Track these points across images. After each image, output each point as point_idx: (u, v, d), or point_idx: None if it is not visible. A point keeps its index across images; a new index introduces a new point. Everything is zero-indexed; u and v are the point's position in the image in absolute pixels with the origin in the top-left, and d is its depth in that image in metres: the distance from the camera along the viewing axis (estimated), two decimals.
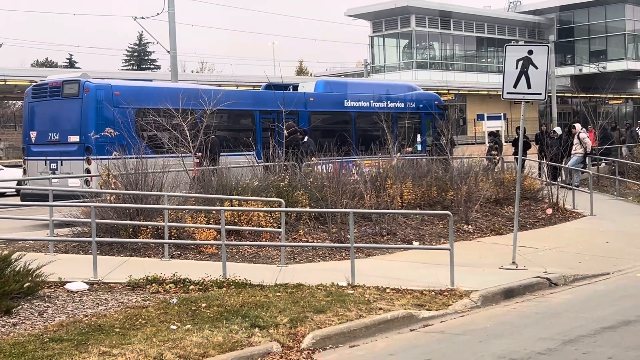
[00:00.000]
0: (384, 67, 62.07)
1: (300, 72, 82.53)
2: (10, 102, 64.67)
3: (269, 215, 13.82)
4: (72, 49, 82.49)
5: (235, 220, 13.56)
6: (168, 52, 27.69)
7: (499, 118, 47.14)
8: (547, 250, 14.06)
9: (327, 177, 15.76)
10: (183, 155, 15.86)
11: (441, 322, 9.03)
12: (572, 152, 23.45)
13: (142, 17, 30.82)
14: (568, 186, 20.36)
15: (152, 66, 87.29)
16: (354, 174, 16.33)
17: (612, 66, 61.83)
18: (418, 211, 15.53)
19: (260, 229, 13.42)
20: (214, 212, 13.41)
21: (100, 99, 17.30)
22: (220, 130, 18.43)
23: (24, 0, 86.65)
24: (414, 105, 25.01)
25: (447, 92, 52.60)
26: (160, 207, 12.91)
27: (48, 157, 17.92)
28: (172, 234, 12.93)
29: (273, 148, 16.76)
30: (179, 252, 12.75)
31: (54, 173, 17.44)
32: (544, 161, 22.86)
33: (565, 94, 64.26)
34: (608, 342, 7.90)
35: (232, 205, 13.77)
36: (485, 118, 47.96)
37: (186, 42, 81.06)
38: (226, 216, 12.27)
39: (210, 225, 13.25)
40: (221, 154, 17.82)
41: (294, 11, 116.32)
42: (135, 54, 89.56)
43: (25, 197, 17.15)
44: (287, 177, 15.43)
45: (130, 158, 14.49)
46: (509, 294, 10.46)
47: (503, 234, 15.51)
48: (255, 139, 19.66)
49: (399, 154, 17.85)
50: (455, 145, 23.52)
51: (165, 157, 15.52)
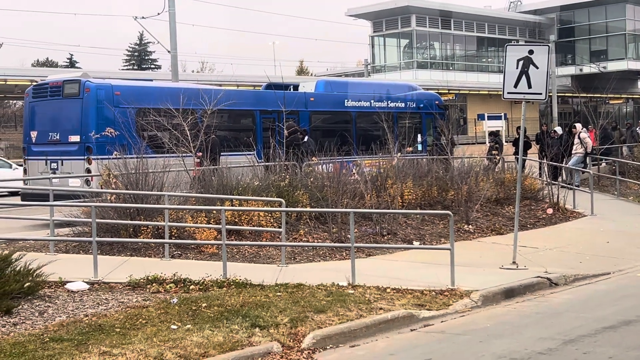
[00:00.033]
0: (385, 67, 62.05)
1: (301, 72, 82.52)
2: (11, 102, 64.67)
3: (270, 215, 13.81)
4: (73, 49, 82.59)
5: (236, 220, 13.57)
6: (169, 52, 27.69)
7: (499, 118, 47.16)
8: (548, 250, 14.05)
9: (327, 176, 15.76)
10: (183, 155, 15.87)
11: (442, 322, 9.03)
12: (573, 152, 23.46)
13: (143, 17, 30.84)
14: (569, 186, 20.35)
15: (152, 66, 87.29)
16: (354, 173, 16.33)
17: (612, 66, 61.83)
18: (418, 211, 15.52)
19: (260, 228, 13.42)
20: (215, 212, 13.42)
21: (100, 99, 17.31)
22: (220, 130, 18.44)
23: (24, 0, 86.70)
24: (414, 105, 25.02)
25: (447, 92, 52.58)
26: (161, 207, 12.91)
27: (48, 157, 17.92)
28: (173, 233, 12.94)
29: (273, 148, 16.76)
30: (180, 252, 12.75)
31: (54, 173, 17.44)
32: (545, 161, 22.87)
33: (566, 94, 64.23)
34: (609, 342, 7.90)
35: (232, 205, 13.78)
36: (486, 118, 47.98)
37: (187, 42, 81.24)
38: (227, 216, 12.27)
39: (210, 225, 13.25)
40: (222, 153, 17.82)
41: (295, 11, 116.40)
42: (136, 53, 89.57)
43: (25, 196, 17.15)
44: (287, 177, 15.42)
45: (131, 158, 14.50)
46: (510, 293, 10.45)
47: (503, 233, 15.50)
48: (255, 139, 19.66)
49: (399, 154, 17.84)
50: (456, 145, 23.50)
51: (166, 156, 15.53)
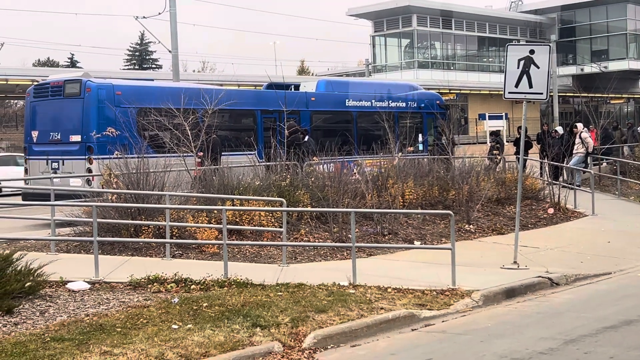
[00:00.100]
0: (386, 67, 62.00)
1: (302, 71, 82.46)
2: (12, 101, 64.69)
3: (271, 215, 13.81)
4: (74, 49, 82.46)
5: (237, 220, 13.57)
6: (169, 51, 27.66)
7: (500, 118, 47.15)
8: (549, 249, 14.05)
9: (328, 176, 15.76)
10: (184, 154, 15.87)
11: (443, 321, 9.03)
12: (574, 152, 23.46)
13: (144, 17, 30.84)
14: (569, 186, 20.34)
15: (153, 66, 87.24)
16: (355, 173, 16.34)
17: (613, 66, 61.76)
18: (419, 211, 15.52)
19: (261, 228, 13.42)
20: (216, 211, 13.42)
21: (101, 99, 17.32)
22: (221, 130, 18.44)
23: (25, 0, 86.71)
24: (415, 105, 25.01)
25: (448, 91, 52.55)
26: (162, 207, 12.91)
27: (50, 157, 17.93)
28: (174, 233, 12.94)
29: (274, 147, 16.77)
30: (181, 252, 12.75)
31: (55, 172, 17.44)
32: (546, 161, 22.87)
33: (567, 94, 64.16)
34: (610, 342, 7.89)
35: (233, 205, 13.79)
36: (487, 118, 47.95)
37: (188, 42, 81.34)
38: (228, 216, 12.27)
39: (211, 225, 13.26)
40: (223, 153, 17.83)
41: (296, 11, 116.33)
42: (137, 53, 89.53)
43: (26, 196, 17.16)
44: (288, 176, 15.42)
45: (132, 157, 14.50)
46: (511, 293, 10.45)
47: (504, 233, 15.50)
48: (256, 139, 19.67)
49: (400, 154, 17.84)
50: (456, 145, 23.51)
51: (167, 156, 15.52)
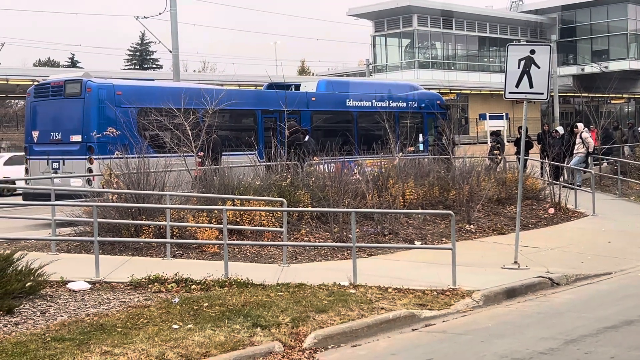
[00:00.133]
0: (386, 67, 61.99)
1: (303, 71, 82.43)
2: (13, 101, 64.69)
3: (271, 215, 13.81)
4: (74, 49, 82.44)
5: (237, 220, 13.57)
6: (170, 51, 27.68)
7: (501, 118, 47.11)
8: (549, 249, 14.05)
9: (329, 176, 15.76)
10: (185, 154, 15.88)
11: (443, 321, 9.03)
12: (575, 152, 23.46)
13: (144, 17, 30.86)
14: (570, 186, 20.33)
15: (154, 66, 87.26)
16: (356, 173, 16.33)
17: (614, 66, 61.75)
18: (420, 211, 15.51)
19: (262, 228, 13.42)
20: (216, 211, 13.42)
21: (102, 99, 17.32)
22: (222, 130, 18.44)
23: (26, 0, 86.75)
24: (416, 105, 25.01)
25: (449, 91, 52.55)
26: (163, 207, 12.91)
27: (50, 157, 17.94)
28: (174, 233, 12.94)
29: (275, 147, 16.77)
30: (181, 252, 12.75)
31: (56, 172, 17.45)
32: (546, 161, 22.86)
33: (568, 94, 64.15)
34: (610, 342, 7.89)
35: (234, 205, 13.79)
36: (488, 118, 47.91)
37: (188, 42, 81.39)
38: (228, 216, 12.27)
39: (212, 225, 13.26)
40: (223, 153, 17.83)
41: (296, 11, 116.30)
42: (137, 53, 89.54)
43: (27, 196, 17.16)
44: (289, 176, 15.42)
45: (133, 157, 14.51)
46: (511, 293, 10.45)
47: (505, 233, 15.50)
48: (257, 139, 19.68)
49: (400, 154, 17.84)
50: (457, 145, 23.50)
51: (167, 156, 15.52)
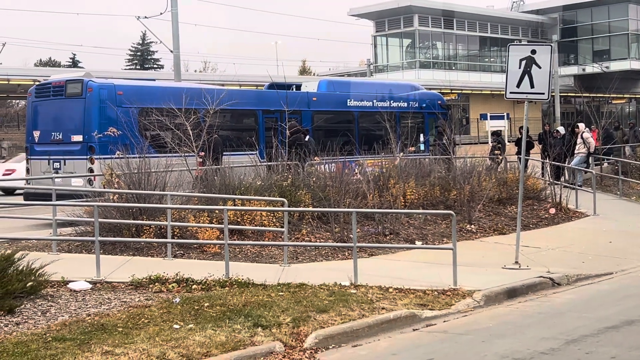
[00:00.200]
0: (387, 67, 62.00)
1: (304, 71, 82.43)
2: (14, 101, 64.75)
3: (272, 215, 13.81)
4: (75, 49, 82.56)
5: (238, 220, 13.57)
6: (171, 51, 27.67)
7: (502, 118, 47.06)
8: (550, 250, 14.04)
9: (330, 176, 15.76)
10: (186, 154, 15.88)
11: (444, 321, 9.03)
12: (576, 152, 23.45)
13: (145, 17, 30.87)
14: (571, 186, 20.33)
15: (155, 66, 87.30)
16: (356, 173, 16.33)
17: (615, 66, 61.74)
18: (421, 211, 15.51)
19: (263, 228, 13.41)
20: (217, 211, 13.42)
21: (103, 99, 17.33)
22: (223, 130, 18.45)
23: (27, 1, 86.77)
24: (417, 105, 25.00)
25: (450, 91, 52.52)
26: (163, 207, 12.91)
27: (51, 157, 17.94)
28: (175, 233, 12.94)
29: (276, 147, 16.78)
30: (182, 252, 12.76)
31: (57, 172, 17.46)
32: (547, 161, 22.85)
33: (569, 94, 64.14)
34: (611, 342, 7.89)
35: (235, 205, 13.79)
36: (489, 118, 47.87)
37: (189, 42, 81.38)
38: (229, 216, 12.27)
39: (213, 225, 13.26)
40: (224, 153, 17.84)
41: (297, 11, 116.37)
42: (138, 53, 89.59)
43: (28, 196, 17.17)
44: (290, 176, 15.43)
45: (133, 157, 14.51)
46: (512, 293, 10.45)
47: (506, 233, 15.49)
48: (258, 139, 19.69)
49: (401, 154, 17.84)
50: (457, 145, 23.50)
51: (168, 156, 15.53)
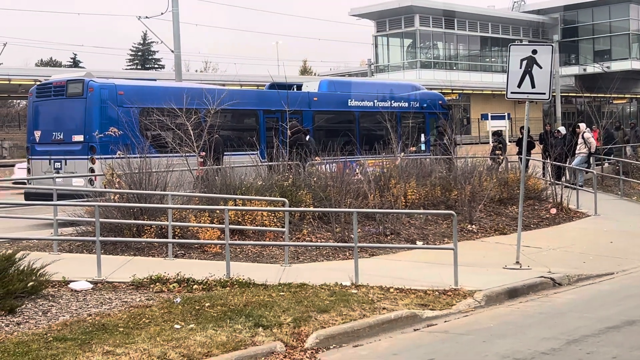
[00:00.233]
0: (388, 67, 62.01)
1: (304, 71, 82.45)
2: (15, 101, 64.77)
3: (273, 215, 13.81)
4: (76, 49, 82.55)
5: (239, 220, 13.57)
6: (172, 51, 27.65)
7: (503, 118, 47.04)
8: (551, 250, 14.04)
9: (331, 176, 15.76)
10: (187, 154, 15.88)
11: (445, 321, 9.03)
12: (576, 152, 23.44)
13: (146, 17, 30.88)
14: (572, 186, 20.33)
15: (156, 66, 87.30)
16: (357, 173, 16.34)
17: (616, 66, 61.72)
18: (422, 211, 15.51)
19: (264, 228, 13.42)
20: (218, 211, 13.42)
21: (104, 99, 17.33)
22: (224, 130, 18.45)
23: (27, 1, 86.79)
24: (417, 105, 24.99)
25: (451, 91, 52.50)
26: (164, 207, 12.91)
27: (52, 157, 17.94)
28: (176, 233, 12.95)
29: (277, 147, 16.78)
30: (183, 252, 12.76)
31: (58, 172, 17.46)
32: (548, 161, 22.84)
33: (570, 94, 64.15)
34: (612, 342, 7.89)
35: (235, 205, 13.79)
36: (489, 118, 47.86)
37: (190, 42, 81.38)
38: (230, 216, 12.27)
39: (214, 225, 13.26)
40: (225, 153, 17.84)
41: (298, 11, 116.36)
42: (139, 53, 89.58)
43: (29, 196, 17.17)
44: (290, 176, 15.43)
45: (134, 157, 14.52)
46: (513, 293, 10.44)
47: (507, 233, 15.49)
48: (259, 139, 19.67)
49: (402, 154, 17.84)
50: (458, 145, 23.49)
51: (169, 156, 15.53)
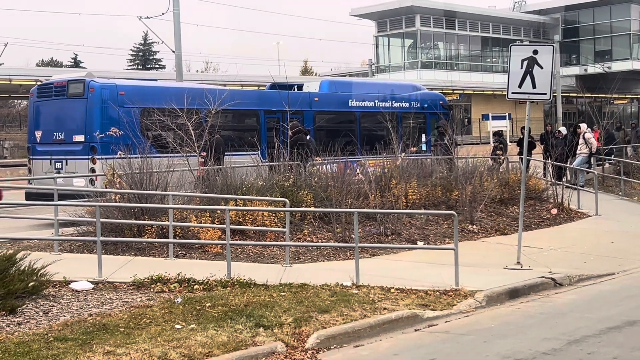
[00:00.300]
0: (389, 67, 62.00)
1: (305, 71, 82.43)
2: (15, 101, 64.77)
3: (274, 215, 13.81)
4: (77, 49, 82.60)
5: (240, 220, 13.57)
6: (173, 51, 27.69)
7: (503, 118, 47.01)
8: (552, 250, 14.03)
9: (331, 176, 15.76)
10: (188, 154, 15.88)
11: (446, 322, 9.03)
12: (577, 152, 23.43)
13: (147, 17, 30.92)
14: (573, 186, 20.32)
15: (157, 66, 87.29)
16: (358, 173, 16.33)
17: (617, 66, 61.68)
18: (422, 211, 15.51)
19: (264, 228, 13.42)
20: (219, 211, 13.42)
21: (105, 99, 17.34)
22: (225, 130, 18.45)
23: (28, 1, 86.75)
24: (418, 105, 24.99)
25: (451, 92, 52.48)
26: (165, 207, 12.91)
27: (53, 157, 17.95)
28: (177, 233, 12.95)
29: (278, 148, 16.77)
30: (184, 252, 12.76)
31: (58, 172, 17.46)
32: (549, 161, 22.83)
33: (570, 94, 64.13)
34: (613, 343, 7.89)
35: (236, 205, 13.78)
36: (490, 118, 47.85)
37: (191, 42, 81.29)
38: (231, 216, 12.27)
39: (214, 225, 13.26)
40: (226, 153, 17.85)
41: (299, 11, 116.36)
42: (140, 53, 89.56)
43: (30, 196, 17.18)
44: (291, 176, 15.43)
45: (135, 157, 14.52)
46: (514, 294, 10.44)
47: (508, 234, 15.49)
48: (259, 139, 19.67)
49: (403, 154, 17.84)
50: (459, 145, 23.50)
51: (170, 156, 15.53)
